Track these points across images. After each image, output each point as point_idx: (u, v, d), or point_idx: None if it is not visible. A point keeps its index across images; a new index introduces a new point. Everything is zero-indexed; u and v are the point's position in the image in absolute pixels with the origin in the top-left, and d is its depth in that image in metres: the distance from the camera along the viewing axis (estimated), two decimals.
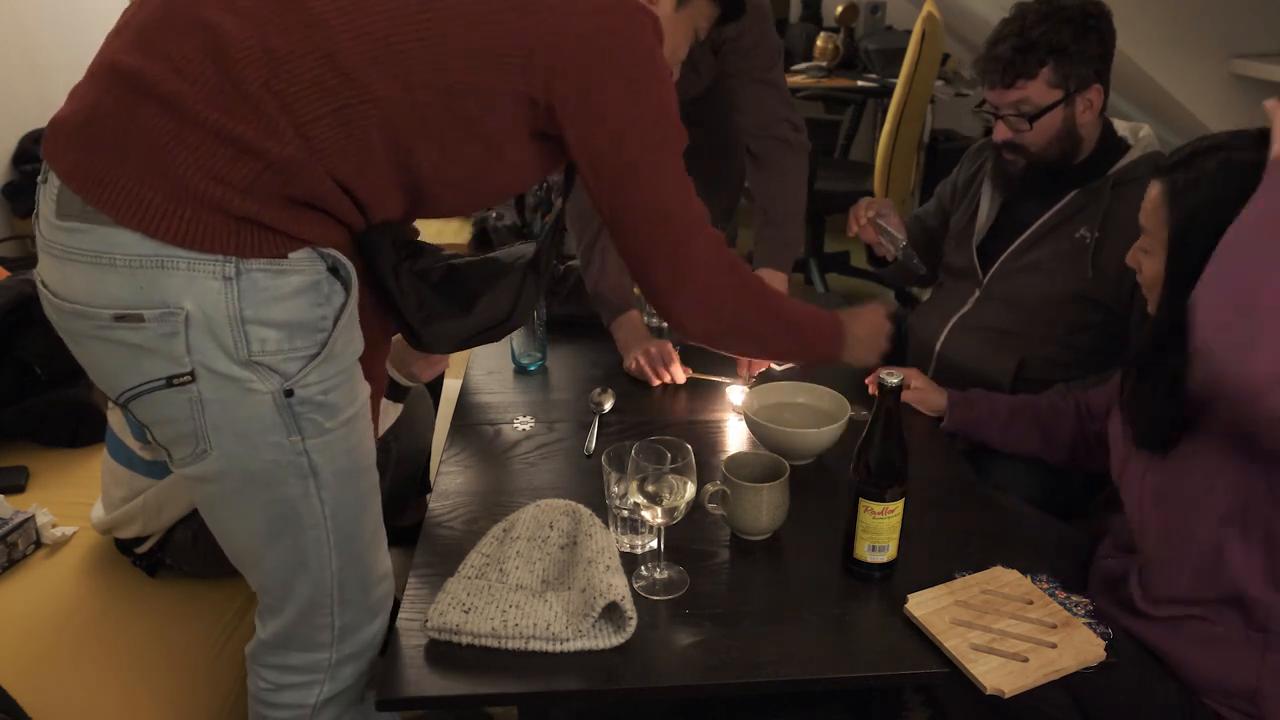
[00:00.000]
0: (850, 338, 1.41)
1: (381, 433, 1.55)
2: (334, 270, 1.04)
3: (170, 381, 0.97)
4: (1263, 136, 1.15)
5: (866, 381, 1.69)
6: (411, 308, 1.20)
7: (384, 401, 1.56)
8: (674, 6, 1.24)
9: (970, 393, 1.65)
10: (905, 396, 1.67)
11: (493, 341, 1.33)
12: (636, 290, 1.96)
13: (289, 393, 1.00)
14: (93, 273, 0.94)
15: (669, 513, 1.15)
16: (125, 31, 0.97)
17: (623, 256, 1.21)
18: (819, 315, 1.38)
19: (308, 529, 1.07)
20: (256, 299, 0.96)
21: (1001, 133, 1.65)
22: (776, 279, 1.88)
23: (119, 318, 0.95)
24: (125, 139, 0.93)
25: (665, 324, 1.97)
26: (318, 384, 1.02)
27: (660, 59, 1.10)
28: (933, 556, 1.25)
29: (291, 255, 0.99)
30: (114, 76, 0.95)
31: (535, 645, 1.09)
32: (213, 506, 1.08)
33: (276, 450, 1.02)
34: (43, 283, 1.01)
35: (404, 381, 1.61)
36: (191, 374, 0.97)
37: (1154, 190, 1.23)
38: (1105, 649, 1.08)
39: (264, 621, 1.17)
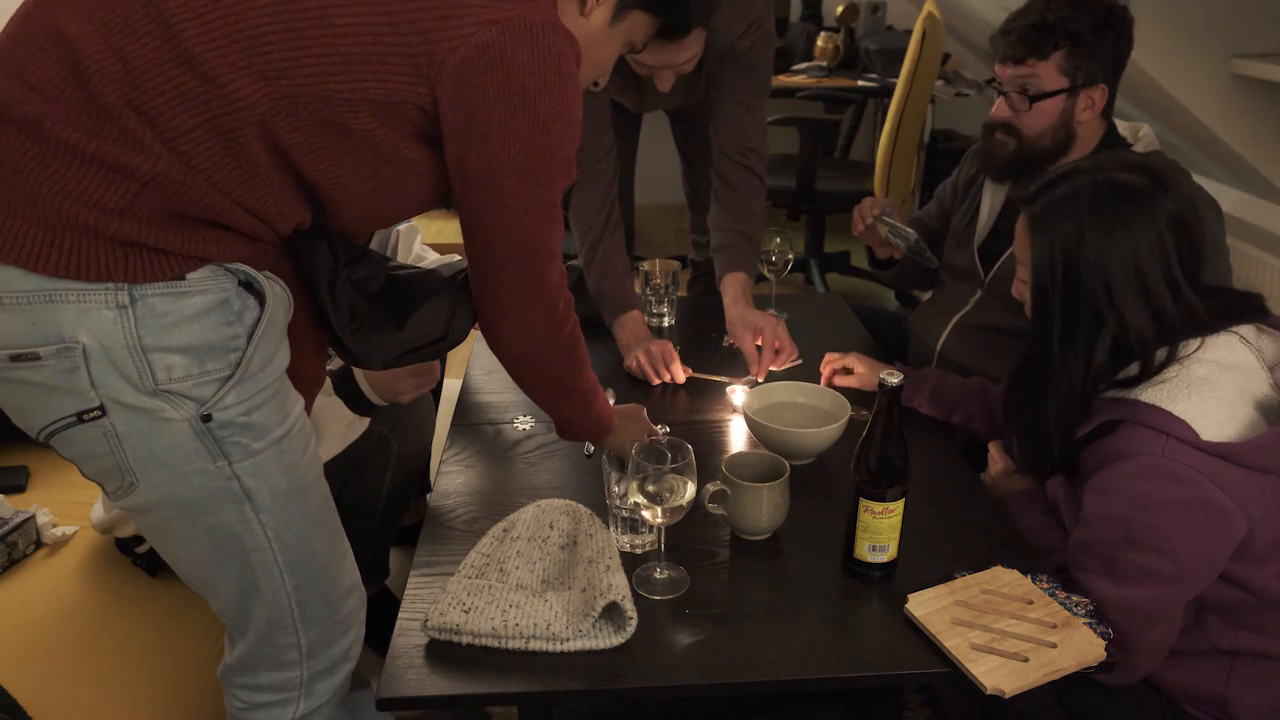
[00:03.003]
0: (616, 429, 1.36)
1: (342, 447, 1.52)
2: (247, 285, 0.99)
3: (80, 418, 0.93)
4: (1129, 164, 1.21)
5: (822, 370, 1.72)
6: (342, 319, 1.16)
7: (352, 417, 1.53)
8: (607, 21, 1.15)
9: (923, 372, 1.66)
10: (847, 382, 1.69)
11: (430, 360, 1.31)
12: (639, 289, 1.97)
13: (206, 418, 0.96)
14: None
15: (669, 512, 1.15)
16: None
17: (471, 264, 1.14)
18: (604, 398, 1.35)
19: (252, 552, 1.05)
20: (156, 325, 0.92)
21: (1000, 110, 1.66)
22: (739, 279, 1.89)
23: (15, 358, 0.91)
24: None
25: (665, 325, 2.00)
26: (237, 405, 0.98)
27: (569, 89, 1.01)
28: (933, 556, 1.25)
29: (190, 276, 0.94)
30: None
31: (535, 645, 1.09)
32: (155, 536, 1.06)
33: (204, 477, 0.99)
34: None
35: (378, 401, 1.57)
36: (101, 408, 0.93)
37: (1020, 221, 1.27)
38: (1105, 649, 1.09)
39: (231, 644, 1.15)
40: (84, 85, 0.87)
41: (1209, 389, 1.14)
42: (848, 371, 1.70)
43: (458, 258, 1.44)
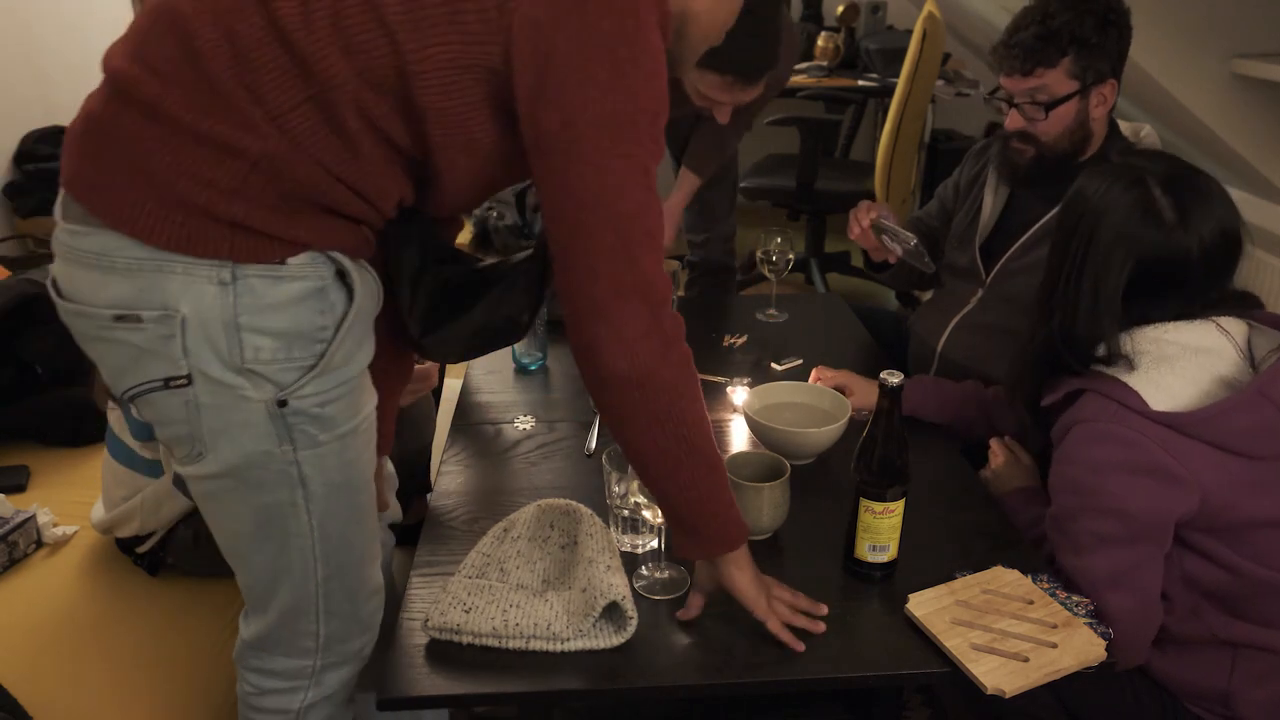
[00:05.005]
0: (744, 546, 1.11)
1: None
2: (340, 275, 1.01)
3: (167, 383, 0.97)
4: (1158, 155, 1.24)
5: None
6: (417, 317, 1.18)
7: None
8: None
9: (920, 380, 1.66)
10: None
11: (497, 349, 1.30)
12: None
13: (282, 403, 0.99)
14: (96, 274, 0.95)
15: None
16: (123, 37, 0.97)
17: (559, 262, 1.00)
18: (729, 492, 1.10)
19: (293, 537, 1.07)
20: (252, 305, 0.95)
21: (1014, 121, 1.65)
22: (690, 178, 1.99)
23: (118, 318, 0.95)
24: (114, 146, 0.93)
25: None
26: (314, 396, 1.00)
27: (648, 36, 0.94)
28: (933, 556, 1.25)
29: (290, 261, 0.96)
30: (106, 83, 0.95)
31: (536, 645, 1.09)
32: (206, 502, 1.08)
33: (266, 458, 1.01)
34: (53, 282, 1.01)
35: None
36: (188, 377, 0.96)
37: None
38: (1105, 649, 1.09)
39: (247, 621, 1.16)
40: (198, 66, 0.90)
41: (1167, 365, 1.18)
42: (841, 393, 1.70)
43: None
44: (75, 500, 1.74)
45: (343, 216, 1.00)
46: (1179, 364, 1.18)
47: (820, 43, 3.97)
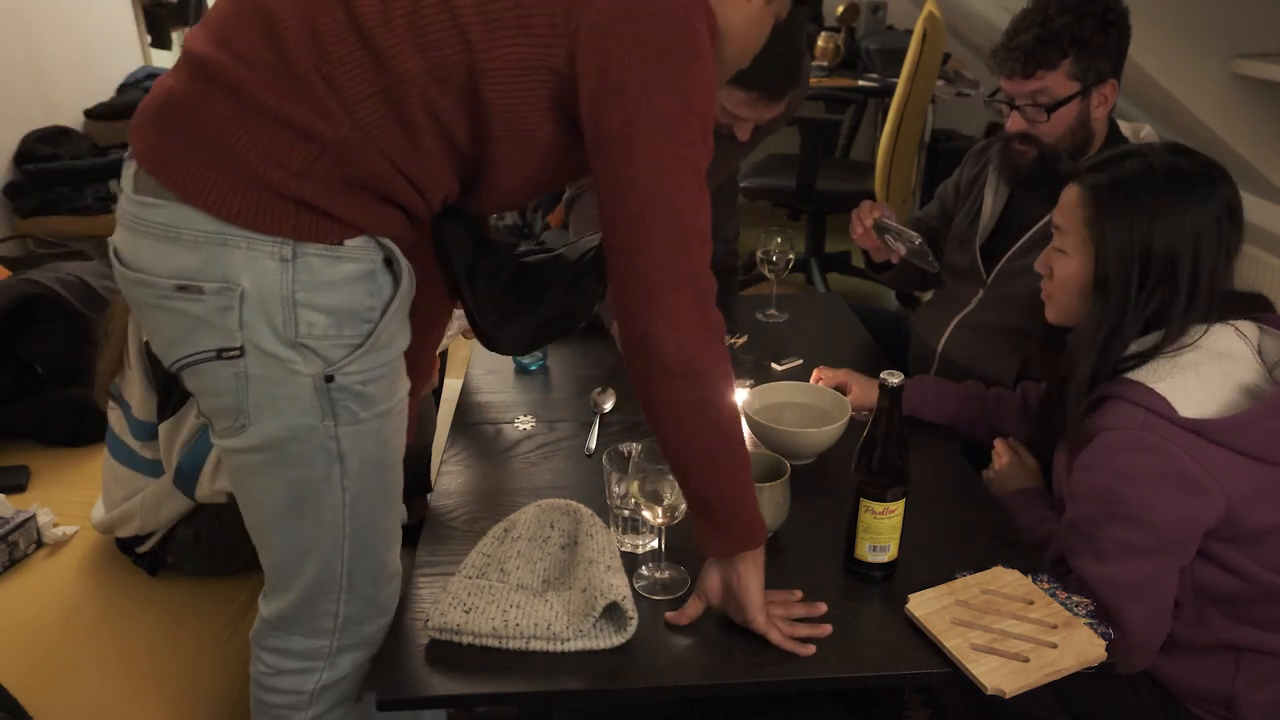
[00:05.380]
0: (761, 548, 1.12)
1: None
2: (388, 262, 1.06)
3: (220, 354, 1.01)
4: (1178, 149, 1.25)
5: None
6: (485, 311, 1.23)
7: None
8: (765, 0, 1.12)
9: (921, 380, 1.65)
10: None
11: (560, 336, 1.34)
12: None
13: (329, 378, 1.03)
14: (162, 245, 0.99)
15: (669, 512, 1.15)
16: (205, 24, 1.02)
17: (614, 254, 1.04)
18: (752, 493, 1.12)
19: (325, 512, 1.09)
20: (310, 282, 1.00)
21: (1016, 124, 1.65)
22: None
23: (180, 288, 0.99)
24: (195, 124, 0.97)
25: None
26: (359, 374, 1.04)
27: (700, 44, 1.00)
28: (933, 556, 1.25)
29: (347, 243, 1.02)
30: (188, 65, 1.00)
31: (536, 645, 1.09)
32: (241, 476, 1.10)
33: (309, 432, 1.05)
34: (115, 251, 1.05)
35: None
36: (240, 349, 1.00)
37: (1071, 193, 1.29)
38: (1106, 649, 1.09)
39: (268, 599, 1.18)
40: (282, 54, 0.96)
41: (1193, 371, 1.18)
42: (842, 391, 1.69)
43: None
44: (75, 500, 1.74)
45: (395, 205, 1.06)
46: (1203, 369, 1.18)
47: (820, 43, 3.97)
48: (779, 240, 1.99)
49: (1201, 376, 1.18)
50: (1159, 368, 1.19)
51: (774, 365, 1.80)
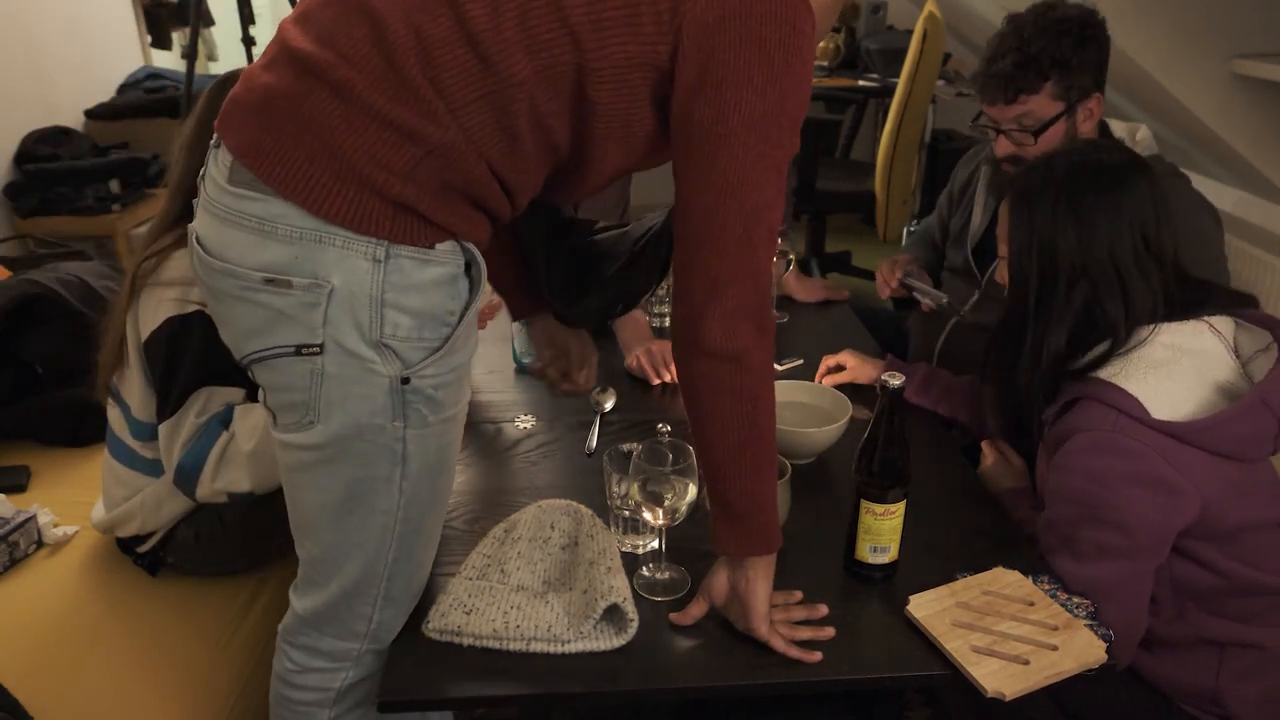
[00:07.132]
0: (773, 556, 1.11)
1: None
2: (468, 266, 1.06)
3: (299, 350, 1.00)
4: (1100, 146, 1.25)
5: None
6: (558, 290, 1.24)
7: None
8: None
9: (913, 366, 1.67)
10: (840, 378, 1.70)
11: (630, 310, 1.37)
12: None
13: (405, 380, 1.03)
14: (254, 238, 0.98)
15: (670, 513, 1.15)
16: (302, 20, 1.02)
17: (682, 245, 1.05)
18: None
19: (378, 513, 1.08)
20: (399, 284, 0.99)
21: (1004, 147, 1.63)
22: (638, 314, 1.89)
23: (269, 281, 0.98)
24: (299, 120, 0.97)
25: (666, 325, 2.00)
26: (433, 377, 1.04)
27: (804, 44, 1.00)
28: (934, 558, 1.25)
29: (438, 246, 1.02)
30: (291, 62, 0.99)
31: (537, 647, 1.09)
32: (295, 472, 1.09)
33: (377, 432, 1.04)
34: (198, 239, 1.04)
35: None
36: (321, 346, 1.00)
37: (1004, 204, 1.30)
38: (1106, 650, 1.09)
39: (301, 594, 1.16)
40: (389, 58, 0.96)
41: (1164, 370, 1.18)
42: (840, 369, 1.70)
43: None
44: (75, 500, 1.74)
45: (485, 211, 1.06)
46: (1174, 368, 1.18)
47: (821, 43, 3.98)
48: (779, 240, 1.99)
49: (1174, 376, 1.17)
50: (1129, 368, 1.19)
51: (774, 365, 1.80)
